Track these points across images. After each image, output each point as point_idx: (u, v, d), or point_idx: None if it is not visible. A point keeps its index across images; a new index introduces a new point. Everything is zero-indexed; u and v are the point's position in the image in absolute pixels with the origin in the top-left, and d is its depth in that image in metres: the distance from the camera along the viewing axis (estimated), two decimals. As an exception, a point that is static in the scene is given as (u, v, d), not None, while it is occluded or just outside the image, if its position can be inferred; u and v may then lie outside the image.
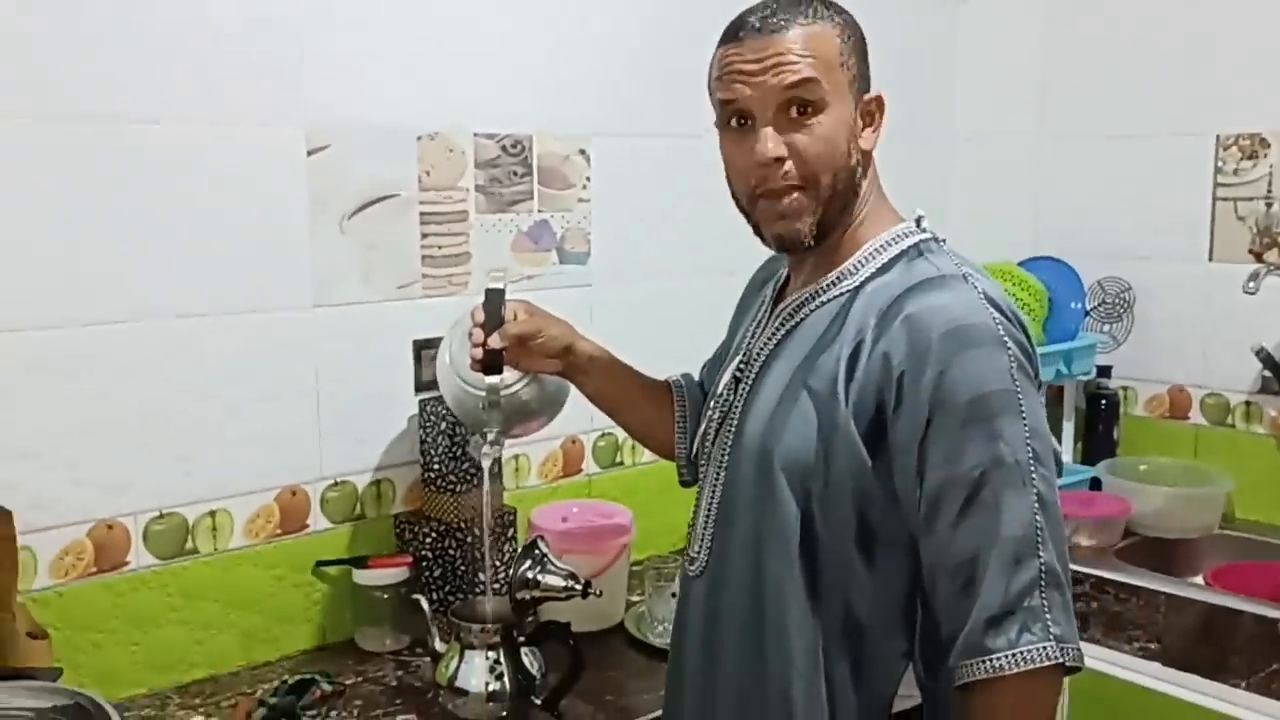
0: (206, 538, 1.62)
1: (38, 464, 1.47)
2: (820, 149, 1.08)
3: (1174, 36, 2.32)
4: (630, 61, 2.00)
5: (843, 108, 1.09)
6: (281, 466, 1.68)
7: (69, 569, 1.51)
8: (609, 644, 1.73)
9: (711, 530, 1.19)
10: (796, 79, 1.07)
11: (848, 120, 1.10)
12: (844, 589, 1.07)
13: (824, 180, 1.09)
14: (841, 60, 1.09)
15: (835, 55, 1.08)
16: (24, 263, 1.44)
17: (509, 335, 1.31)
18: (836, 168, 1.09)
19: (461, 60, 1.81)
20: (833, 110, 1.08)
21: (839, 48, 1.09)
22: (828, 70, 1.07)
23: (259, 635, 1.68)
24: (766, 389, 1.14)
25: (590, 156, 1.99)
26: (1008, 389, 1.00)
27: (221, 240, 1.59)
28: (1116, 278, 2.43)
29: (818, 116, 1.08)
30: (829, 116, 1.08)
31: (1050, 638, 0.97)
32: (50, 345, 1.47)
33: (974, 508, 0.99)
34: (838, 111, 1.09)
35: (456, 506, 1.75)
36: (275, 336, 1.66)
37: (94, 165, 1.48)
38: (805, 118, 1.08)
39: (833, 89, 1.08)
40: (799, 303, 1.16)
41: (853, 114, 1.10)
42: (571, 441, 2.02)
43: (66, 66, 1.44)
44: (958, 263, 1.10)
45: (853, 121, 1.10)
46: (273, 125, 1.62)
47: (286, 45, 1.62)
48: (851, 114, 1.10)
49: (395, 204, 1.76)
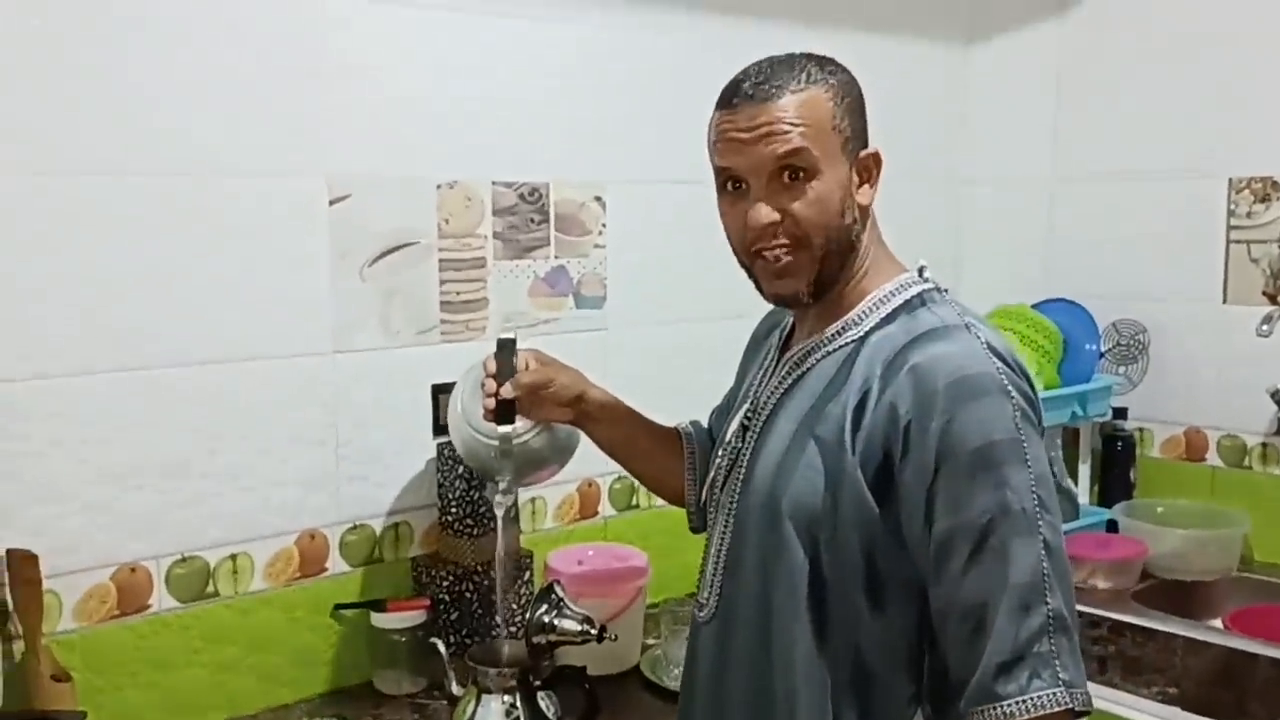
0: (227, 581, 1.64)
1: (63, 508, 1.50)
2: (813, 212, 1.10)
3: (1185, 79, 2.34)
4: (645, 110, 2.03)
5: (837, 169, 1.11)
6: (301, 510, 1.71)
7: (92, 612, 1.53)
8: (625, 687, 1.73)
9: (720, 577, 1.21)
10: (788, 149, 1.09)
11: (842, 181, 1.12)
12: (852, 635, 1.08)
13: (818, 241, 1.12)
14: (834, 124, 1.10)
15: (828, 119, 1.10)
16: (51, 311, 1.47)
17: (521, 385, 1.33)
18: (830, 228, 1.11)
19: (479, 110, 1.85)
20: (826, 174, 1.10)
21: (831, 111, 1.10)
22: (819, 136, 1.09)
23: (278, 677, 1.69)
24: (773, 438, 1.15)
25: (606, 203, 2.02)
26: (1013, 438, 1.01)
27: (244, 288, 1.63)
28: (1131, 320, 2.43)
29: (811, 181, 1.10)
30: (822, 181, 1.10)
31: (1060, 683, 0.98)
32: (75, 391, 1.50)
33: (982, 555, 1.00)
34: (831, 174, 1.10)
35: (474, 550, 1.77)
36: (296, 382, 1.69)
37: (119, 216, 1.52)
38: (798, 183, 1.10)
39: (825, 153, 1.10)
40: (805, 352, 1.18)
41: (848, 173, 1.12)
42: (588, 484, 2.04)
43: (94, 121, 1.49)
44: (960, 312, 1.11)
45: (848, 181, 1.12)
46: (295, 176, 1.66)
47: (309, 98, 1.66)
48: (846, 174, 1.12)
49: (415, 251, 1.79)
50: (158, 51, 1.53)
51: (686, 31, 2.09)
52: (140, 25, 1.51)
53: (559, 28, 1.93)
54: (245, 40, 1.60)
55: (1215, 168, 2.31)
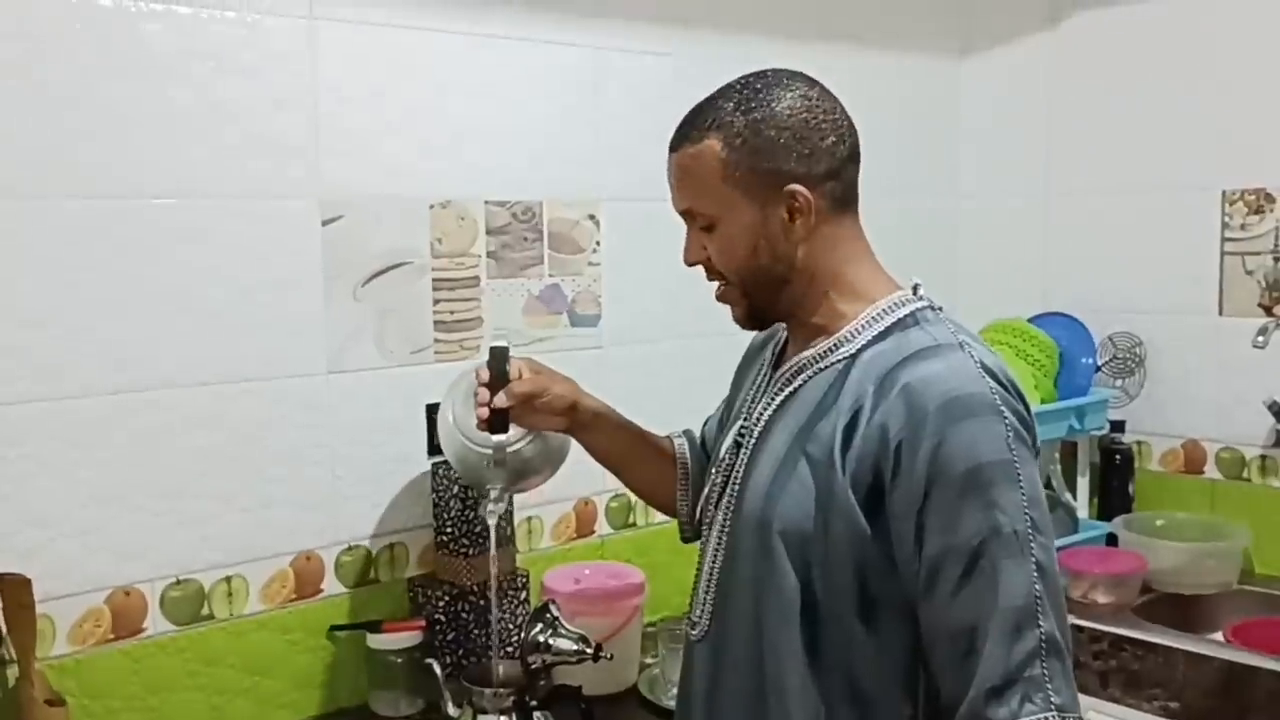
0: (223, 603, 1.64)
1: (56, 531, 1.49)
2: (720, 257, 1.16)
3: (1178, 92, 2.35)
4: (637, 128, 2.04)
5: (741, 215, 1.12)
6: (297, 531, 1.70)
7: (87, 636, 1.53)
8: (622, 707, 1.73)
9: (712, 595, 1.20)
10: (681, 206, 1.17)
11: (750, 225, 1.12)
12: (846, 656, 1.08)
13: (734, 280, 1.17)
14: (726, 175, 1.11)
15: (716, 172, 1.11)
16: (45, 333, 1.47)
17: (515, 394, 1.33)
18: (742, 270, 1.15)
19: (471, 130, 1.85)
20: (726, 222, 1.13)
21: (723, 162, 1.11)
22: (705, 190, 1.13)
23: (274, 700, 1.68)
24: (765, 455, 1.15)
25: (599, 221, 2.02)
26: (1005, 459, 1.01)
27: (238, 309, 1.63)
28: (1127, 333, 2.43)
29: (713, 229, 1.14)
30: (722, 227, 1.14)
31: (1051, 707, 0.97)
32: (69, 414, 1.50)
33: (973, 577, 0.99)
34: (735, 221, 1.13)
35: (469, 569, 1.76)
36: (291, 402, 1.68)
37: (115, 239, 1.52)
38: (706, 231, 1.15)
39: (720, 203, 1.12)
40: (796, 369, 1.17)
41: (760, 216, 1.12)
42: (584, 503, 2.03)
43: (91, 147, 1.49)
44: (954, 330, 1.11)
45: (760, 223, 1.12)
46: (288, 197, 1.66)
47: (301, 120, 1.67)
48: (757, 216, 1.12)
49: (408, 271, 1.79)
50: (150, 77, 1.53)
51: (679, 50, 2.09)
52: (132, 51, 1.51)
53: (551, 48, 1.94)
54: (237, 63, 1.60)
55: (1209, 180, 2.31)
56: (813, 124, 1.11)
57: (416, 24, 1.77)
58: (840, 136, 1.13)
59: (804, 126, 1.11)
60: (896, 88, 2.47)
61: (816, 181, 1.11)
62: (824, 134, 1.11)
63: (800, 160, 1.11)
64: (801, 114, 1.11)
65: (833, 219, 1.14)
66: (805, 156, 1.11)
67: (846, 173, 1.14)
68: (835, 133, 1.12)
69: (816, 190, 1.11)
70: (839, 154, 1.12)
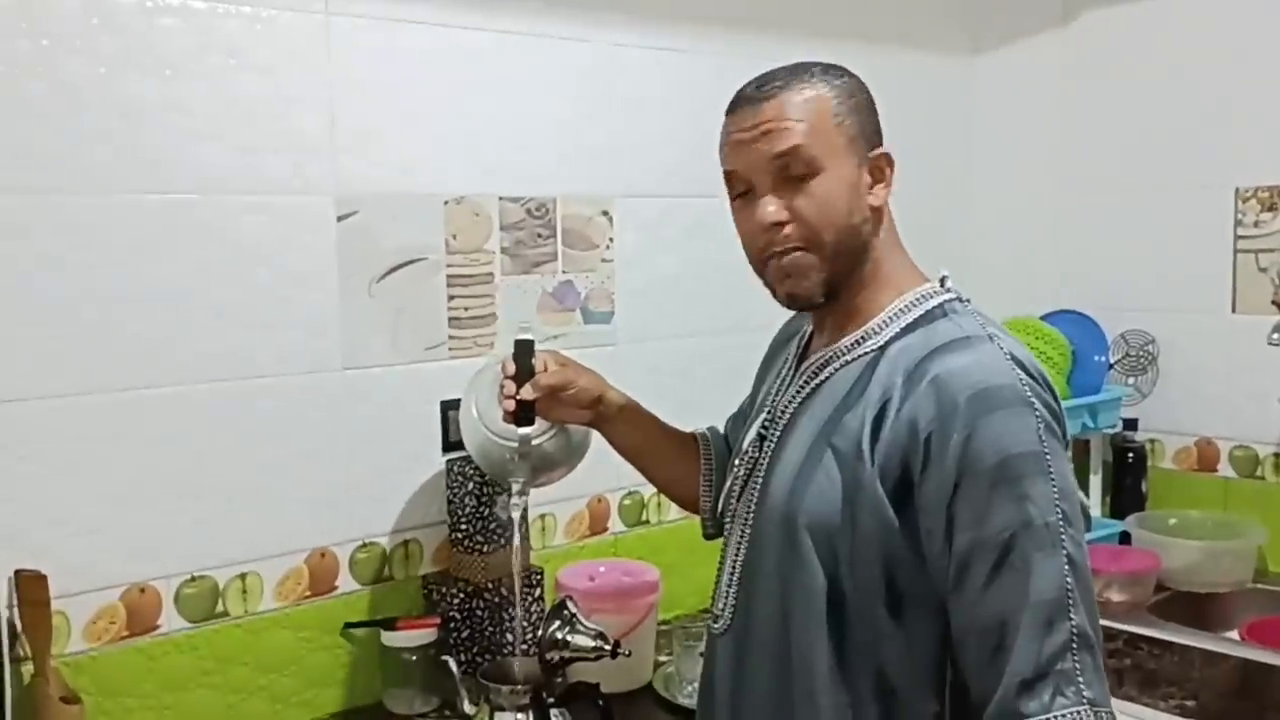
0: (237, 600, 1.63)
1: (71, 529, 1.49)
2: (818, 210, 1.09)
3: (1190, 89, 2.34)
4: (652, 124, 2.03)
5: (842, 167, 1.10)
6: (311, 528, 1.70)
7: (102, 633, 1.52)
8: (638, 705, 1.72)
9: (736, 589, 1.20)
10: (784, 146, 1.09)
11: (849, 179, 1.10)
12: (874, 650, 1.07)
13: (827, 239, 1.10)
14: (837, 121, 1.10)
15: (828, 116, 1.10)
16: (60, 330, 1.47)
17: (541, 386, 1.32)
18: (839, 226, 1.10)
19: (486, 126, 1.84)
20: (830, 171, 1.09)
21: (832, 108, 1.10)
22: (819, 133, 1.09)
23: (289, 698, 1.68)
24: (791, 448, 1.14)
25: (613, 217, 2.02)
26: (1035, 450, 1.00)
27: (253, 306, 1.62)
28: (1140, 330, 2.43)
29: (813, 179, 1.09)
30: (826, 177, 1.09)
31: (1084, 701, 0.96)
32: (84, 411, 1.49)
33: (1003, 570, 0.98)
34: (836, 171, 1.10)
35: (484, 566, 1.75)
36: (306, 399, 1.68)
37: (127, 235, 1.51)
38: (801, 181, 1.09)
39: (827, 150, 1.09)
40: (823, 361, 1.17)
41: (855, 171, 1.11)
42: (598, 500, 2.03)
43: (107, 143, 1.48)
44: (982, 323, 1.10)
45: (856, 180, 1.11)
46: (303, 194, 1.66)
47: (316, 117, 1.66)
48: (854, 172, 1.11)
49: (422, 267, 1.79)
50: (165, 73, 1.52)
51: (694, 47, 2.09)
52: (148, 47, 1.51)
53: (566, 45, 1.93)
54: (252, 60, 1.60)
55: (1221, 178, 2.30)
56: (873, 103, 1.16)
57: (431, 20, 1.77)
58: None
59: (872, 103, 1.15)
60: (909, 86, 2.46)
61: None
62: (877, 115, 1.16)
63: (877, 132, 1.14)
64: (868, 92, 1.15)
65: (888, 199, 1.16)
66: (878, 129, 1.15)
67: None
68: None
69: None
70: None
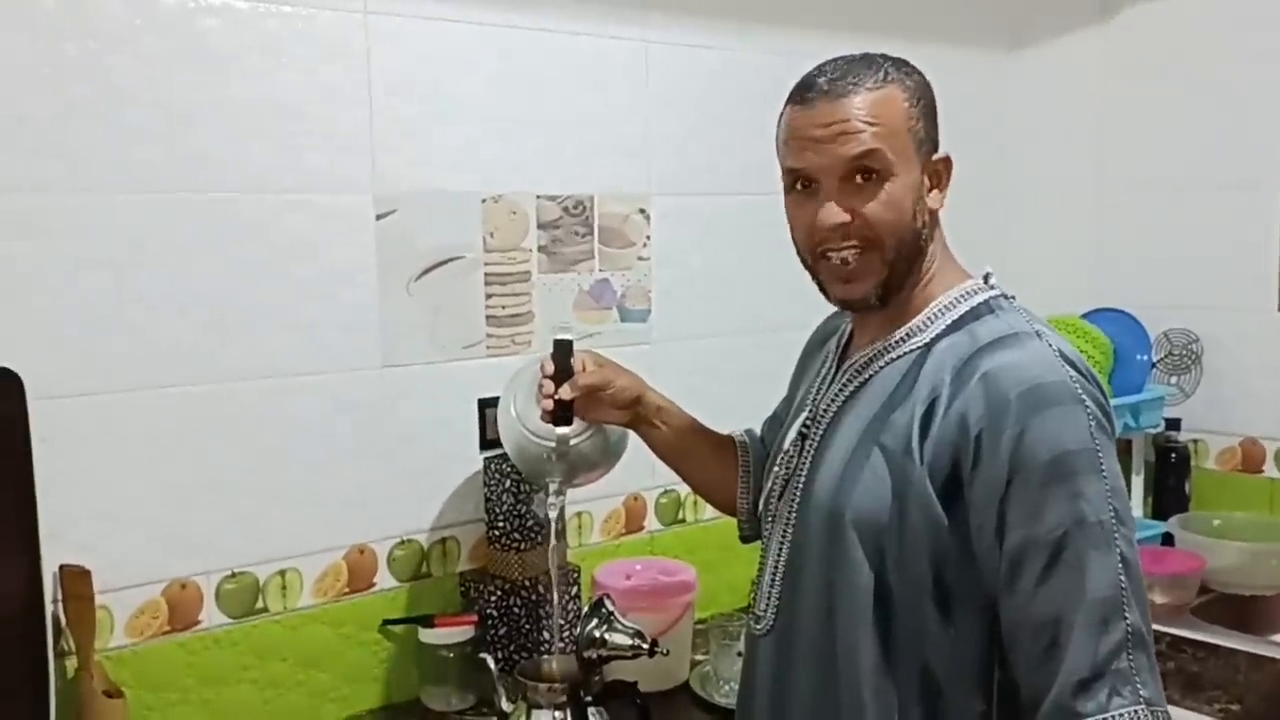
0: (276, 596, 1.64)
1: (116, 525, 1.50)
2: (885, 215, 1.08)
3: (1233, 85, 2.31)
4: (688, 122, 2.02)
5: (910, 172, 1.09)
6: (350, 525, 1.70)
7: (144, 628, 1.53)
8: (674, 704, 1.71)
9: (779, 589, 1.19)
10: (862, 149, 1.07)
11: (914, 184, 1.09)
12: (920, 649, 1.06)
13: (888, 244, 1.09)
14: (910, 125, 1.08)
15: (903, 120, 1.08)
16: (103, 328, 1.48)
17: (580, 386, 1.32)
18: (901, 232, 1.09)
19: (523, 124, 1.84)
20: (900, 176, 1.08)
21: (907, 112, 1.08)
22: (894, 137, 1.07)
23: (327, 694, 1.68)
24: (835, 446, 1.13)
25: (650, 216, 2.01)
26: (1088, 448, 0.99)
27: (294, 304, 1.63)
28: (1183, 329, 2.40)
29: (884, 183, 1.08)
30: (895, 183, 1.08)
31: (1140, 700, 0.95)
32: (127, 408, 1.50)
33: (1057, 569, 0.97)
34: (905, 176, 1.08)
35: (521, 564, 1.75)
36: (345, 397, 1.68)
37: (169, 234, 1.52)
38: (871, 184, 1.08)
39: (899, 155, 1.07)
40: (867, 359, 1.15)
41: (919, 176, 1.10)
42: (634, 499, 2.02)
43: (150, 142, 1.49)
44: (1029, 319, 1.09)
45: (919, 184, 1.10)
46: (343, 192, 1.66)
47: (356, 115, 1.67)
48: (918, 177, 1.10)
49: (460, 266, 1.79)
50: (206, 72, 1.53)
51: (729, 43, 2.08)
52: (191, 46, 1.52)
53: (603, 43, 1.93)
54: (292, 59, 1.60)
55: (1266, 175, 2.28)
56: (935, 104, 1.14)
57: (469, 18, 1.77)
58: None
59: (934, 104, 1.13)
60: (945, 82, 2.40)
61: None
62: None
63: (938, 134, 1.13)
64: (932, 92, 1.14)
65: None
66: (938, 131, 1.13)
67: None
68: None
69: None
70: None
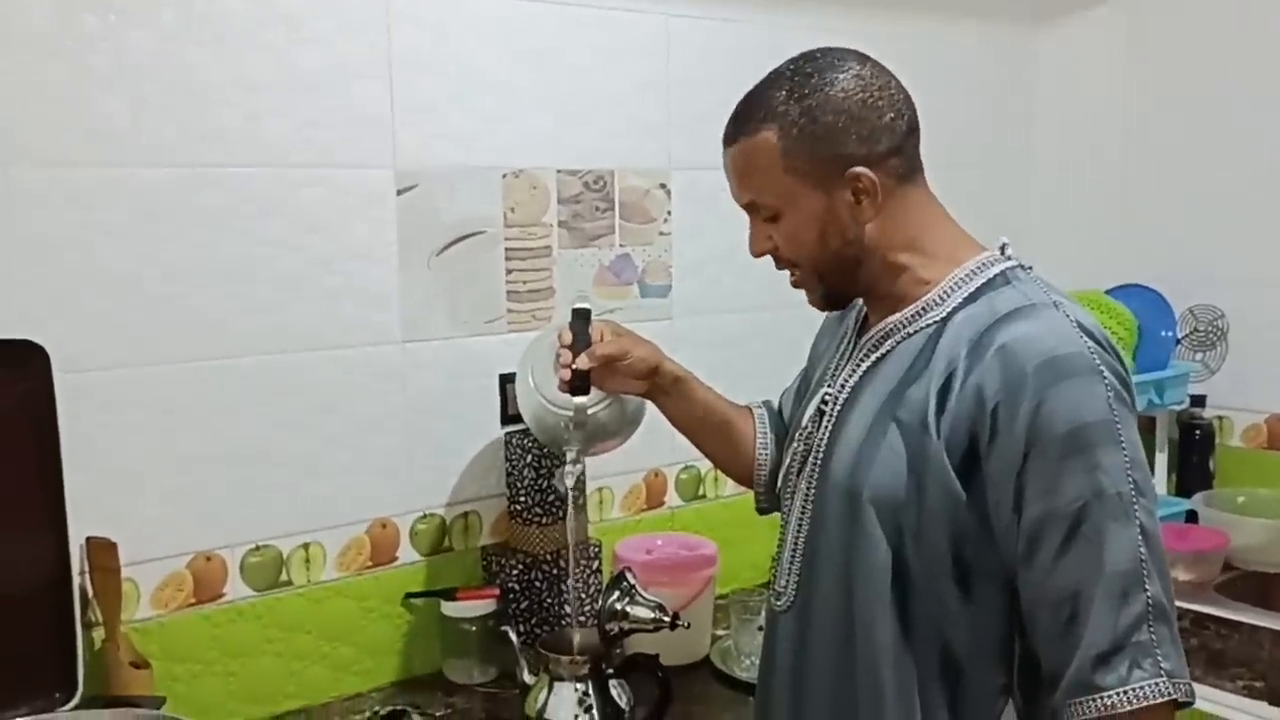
0: (300, 569, 1.65)
1: (142, 498, 1.52)
2: (790, 245, 1.13)
3: (1261, 59, 2.27)
4: (709, 97, 1.99)
5: (804, 204, 1.10)
6: (372, 499, 1.72)
7: (169, 600, 1.55)
8: (695, 677, 1.72)
9: (798, 565, 1.18)
10: (743, 200, 1.15)
11: (815, 212, 1.10)
12: (939, 624, 1.06)
13: (806, 268, 1.14)
14: (786, 165, 1.08)
15: (775, 165, 1.09)
16: (130, 302, 1.49)
17: (597, 356, 1.32)
18: (815, 256, 1.13)
19: (544, 99, 1.84)
20: (790, 212, 1.11)
21: (781, 153, 1.08)
22: (767, 184, 1.11)
23: (350, 666, 1.70)
24: (853, 422, 1.13)
25: (671, 190, 2.01)
26: (1106, 419, 0.98)
27: (315, 278, 1.64)
28: (1209, 305, 2.37)
29: (778, 220, 1.13)
30: (788, 219, 1.12)
31: (1161, 673, 0.95)
32: (154, 381, 1.52)
33: (1076, 542, 0.97)
34: (799, 210, 1.10)
35: (542, 539, 1.76)
36: (367, 371, 1.69)
37: (194, 208, 1.53)
38: (770, 222, 1.14)
39: (782, 195, 1.10)
40: (883, 334, 1.15)
41: (825, 201, 1.09)
42: (654, 474, 2.03)
43: (171, 116, 1.50)
44: (1046, 290, 1.08)
45: (825, 209, 1.10)
46: (364, 167, 1.67)
47: (377, 90, 1.67)
48: (822, 202, 1.09)
49: (481, 240, 1.79)
50: (228, 47, 1.54)
51: (750, 17, 2.06)
52: (211, 20, 1.52)
53: (625, 16, 1.92)
54: (313, 34, 1.60)
55: (1295, 147, 2.24)
56: (869, 103, 1.08)
57: (489, -8, 1.77)
58: (898, 111, 1.10)
59: (861, 107, 1.08)
60: (970, 57, 2.42)
61: (879, 160, 1.09)
62: (881, 111, 1.08)
63: (860, 142, 1.08)
64: (857, 94, 1.08)
65: (899, 193, 1.11)
66: (865, 138, 1.08)
67: (908, 146, 1.11)
68: (892, 108, 1.09)
69: (880, 169, 1.09)
70: (898, 129, 1.09)
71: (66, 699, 1.39)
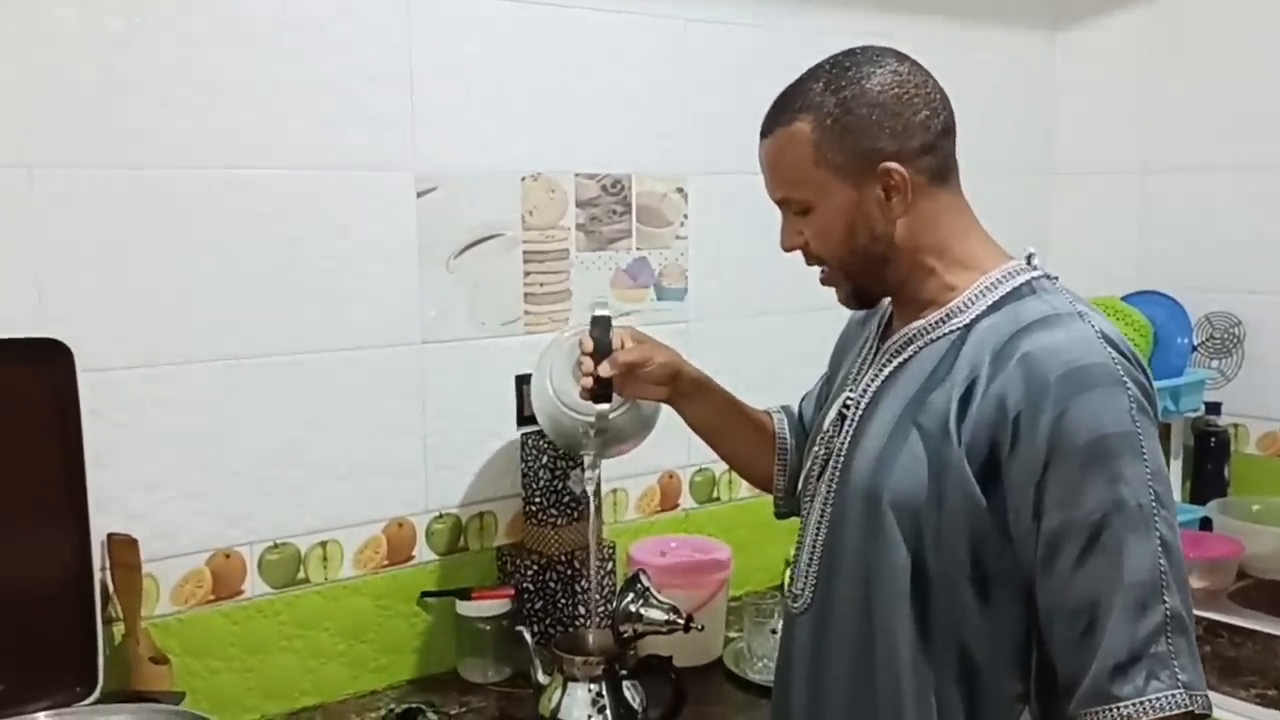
0: (318, 567, 1.67)
1: (162, 496, 1.53)
2: (819, 241, 1.14)
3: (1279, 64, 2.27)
4: (727, 101, 2.02)
5: (835, 198, 1.10)
6: (390, 498, 1.73)
7: (189, 596, 1.57)
8: (708, 679, 1.73)
9: (816, 568, 1.19)
10: (775, 195, 1.16)
11: (845, 206, 1.11)
12: (957, 631, 1.06)
13: (834, 264, 1.15)
14: (818, 157, 1.09)
15: (807, 158, 1.09)
16: (152, 302, 1.51)
17: (619, 363, 1.33)
18: (843, 252, 1.13)
19: (563, 103, 1.85)
20: (821, 206, 1.12)
21: (815, 145, 1.09)
22: (798, 177, 1.11)
23: (366, 664, 1.71)
24: (874, 427, 1.13)
25: (688, 194, 2.01)
26: (1128, 430, 0.99)
27: (335, 280, 1.65)
28: (1225, 312, 2.36)
29: (808, 215, 1.13)
30: (818, 213, 1.12)
31: (1179, 685, 0.95)
32: (175, 381, 1.53)
33: (1095, 552, 0.97)
34: (830, 204, 1.11)
35: (557, 539, 1.77)
36: (386, 372, 1.71)
37: (218, 210, 1.55)
38: (802, 216, 1.14)
39: (814, 188, 1.11)
40: (906, 340, 1.15)
41: (856, 196, 1.10)
42: (669, 476, 2.03)
43: (190, 118, 1.51)
44: (1071, 300, 1.08)
45: (855, 204, 1.10)
46: (384, 170, 1.68)
47: (397, 93, 1.68)
48: (852, 197, 1.10)
49: (499, 243, 1.80)
50: (251, 49, 1.55)
51: (768, 21, 2.07)
52: (234, 23, 1.54)
53: (643, 20, 1.93)
54: (334, 37, 1.62)
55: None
56: (904, 99, 1.09)
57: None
58: (933, 110, 1.10)
59: (895, 102, 1.08)
60: (988, 61, 2.42)
61: (911, 157, 1.09)
62: (916, 109, 1.09)
63: (893, 137, 1.08)
64: (892, 89, 1.08)
65: (930, 193, 1.11)
66: (898, 133, 1.08)
67: (942, 146, 1.11)
68: (928, 106, 1.10)
69: (912, 166, 1.09)
70: (933, 128, 1.10)
71: (87, 693, 1.40)
